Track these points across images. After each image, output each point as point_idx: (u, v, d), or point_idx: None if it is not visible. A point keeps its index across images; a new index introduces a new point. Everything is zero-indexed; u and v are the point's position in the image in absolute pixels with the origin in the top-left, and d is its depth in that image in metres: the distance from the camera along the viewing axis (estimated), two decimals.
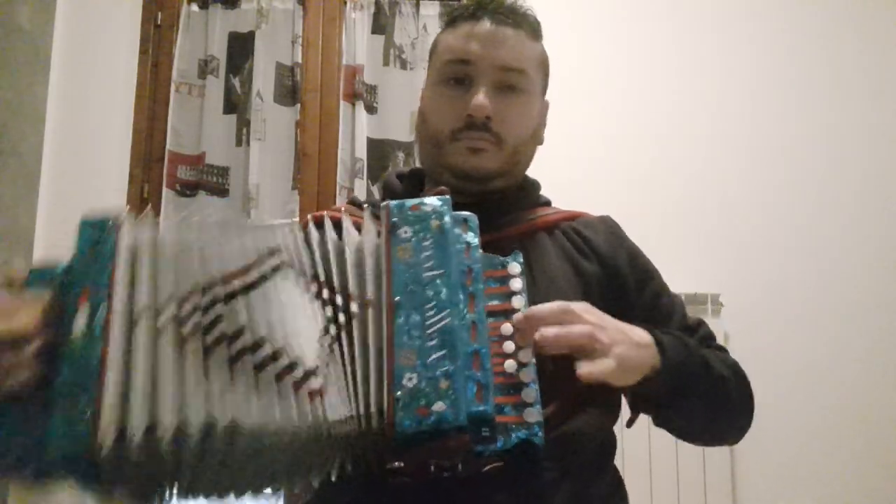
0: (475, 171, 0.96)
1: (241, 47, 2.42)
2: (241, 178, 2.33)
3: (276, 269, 0.72)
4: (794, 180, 2.35)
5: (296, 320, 0.70)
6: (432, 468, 0.69)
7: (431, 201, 0.75)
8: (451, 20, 1.02)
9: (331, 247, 0.76)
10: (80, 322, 0.64)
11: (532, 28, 1.00)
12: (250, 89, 2.37)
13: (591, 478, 0.88)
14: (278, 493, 0.91)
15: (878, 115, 2.39)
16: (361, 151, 2.34)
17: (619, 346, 0.77)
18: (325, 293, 0.73)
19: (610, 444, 0.95)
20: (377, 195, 2.29)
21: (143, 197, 2.34)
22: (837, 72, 2.42)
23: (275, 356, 0.66)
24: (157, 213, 2.30)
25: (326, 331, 0.70)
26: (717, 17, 2.46)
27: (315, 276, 0.73)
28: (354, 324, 0.71)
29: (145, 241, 0.70)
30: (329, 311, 0.71)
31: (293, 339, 0.68)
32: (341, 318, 0.71)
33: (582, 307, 0.78)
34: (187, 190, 2.34)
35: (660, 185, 2.32)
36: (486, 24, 0.97)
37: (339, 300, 0.72)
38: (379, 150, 2.38)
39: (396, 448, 0.66)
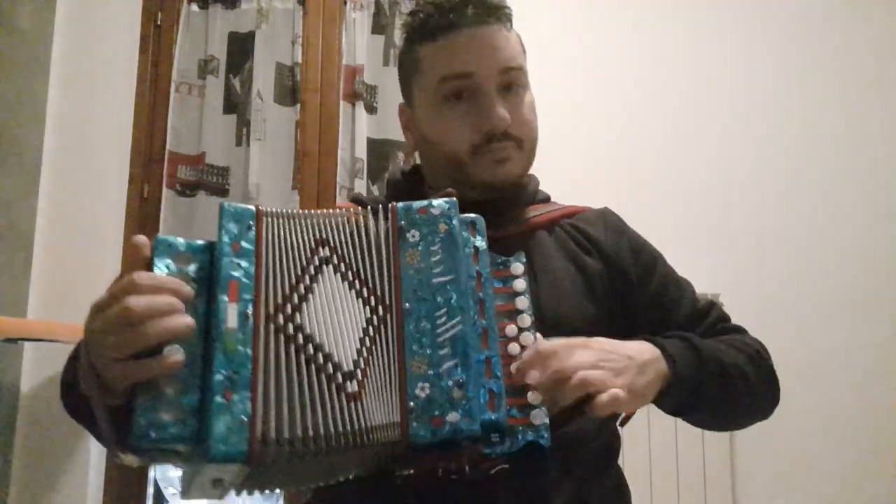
0: (505, 182, 0.93)
1: (241, 47, 2.42)
2: (241, 178, 2.33)
3: (326, 262, 0.70)
4: (795, 181, 2.34)
5: (339, 318, 0.68)
6: (440, 471, 0.69)
7: (439, 204, 0.73)
8: (426, 32, 0.94)
9: (364, 243, 0.73)
10: (231, 315, 0.64)
11: (508, 18, 0.96)
12: (250, 89, 2.36)
13: (593, 478, 0.88)
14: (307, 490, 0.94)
15: (884, 117, 2.39)
16: (361, 151, 2.33)
17: (625, 374, 0.75)
18: (366, 291, 0.70)
19: (612, 446, 0.95)
20: (377, 195, 2.29)
21: (143, 197, 2.34)
22: (844, 73, 2.41)
23: (324, 361, 0.66)
24: (156, 213, 2.30)
25: (366, 331, 0.68)
26: (725, 18, 2.45)
27: (358, 273, 0.71)
28: (388, 325, 0.70)
29: (272, 238, 0.69)
30: (368, 311, 0.69)
31: (336, 339, 0.67)
32: (375, 319, 0.69)
33: (581, 342, 0.76)
34: (187, 190, 2.34)
35: (660, 184, 2.32)
36: (470, 31, 0.92)
37: (373, 301, 0.70)
38: (379, 150, 2.37)
39: (408, 456, 0.66)
